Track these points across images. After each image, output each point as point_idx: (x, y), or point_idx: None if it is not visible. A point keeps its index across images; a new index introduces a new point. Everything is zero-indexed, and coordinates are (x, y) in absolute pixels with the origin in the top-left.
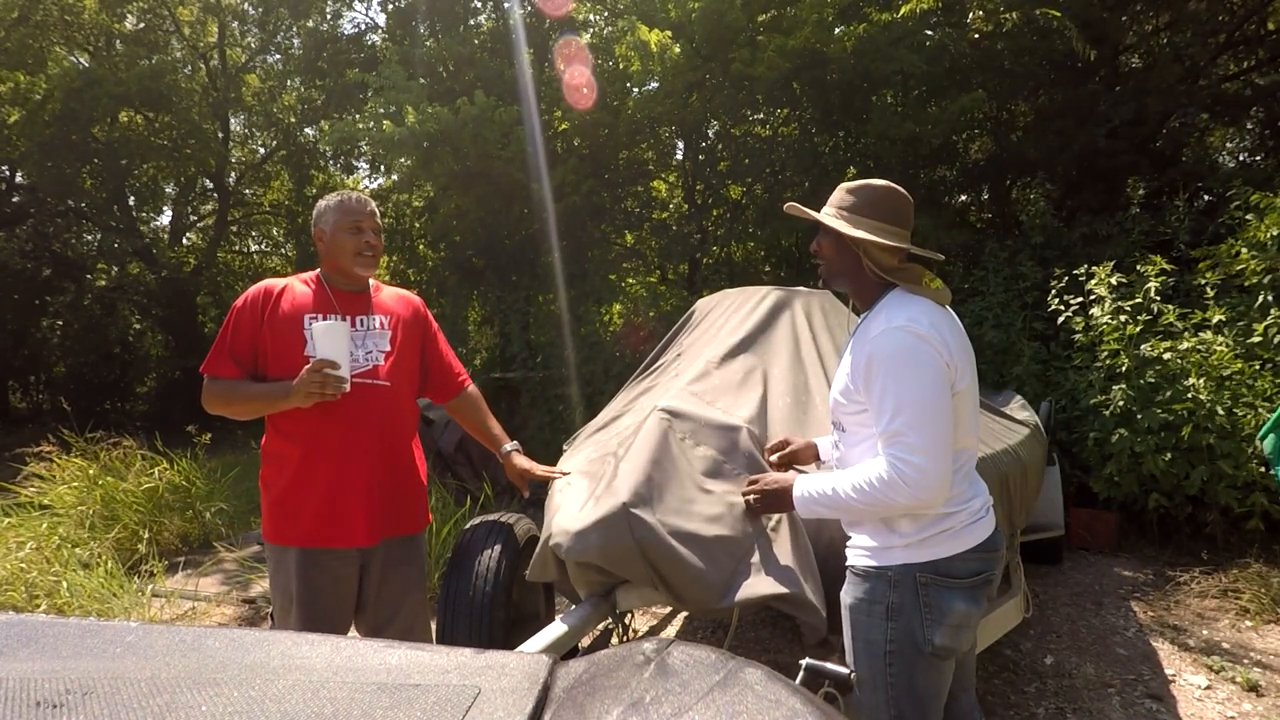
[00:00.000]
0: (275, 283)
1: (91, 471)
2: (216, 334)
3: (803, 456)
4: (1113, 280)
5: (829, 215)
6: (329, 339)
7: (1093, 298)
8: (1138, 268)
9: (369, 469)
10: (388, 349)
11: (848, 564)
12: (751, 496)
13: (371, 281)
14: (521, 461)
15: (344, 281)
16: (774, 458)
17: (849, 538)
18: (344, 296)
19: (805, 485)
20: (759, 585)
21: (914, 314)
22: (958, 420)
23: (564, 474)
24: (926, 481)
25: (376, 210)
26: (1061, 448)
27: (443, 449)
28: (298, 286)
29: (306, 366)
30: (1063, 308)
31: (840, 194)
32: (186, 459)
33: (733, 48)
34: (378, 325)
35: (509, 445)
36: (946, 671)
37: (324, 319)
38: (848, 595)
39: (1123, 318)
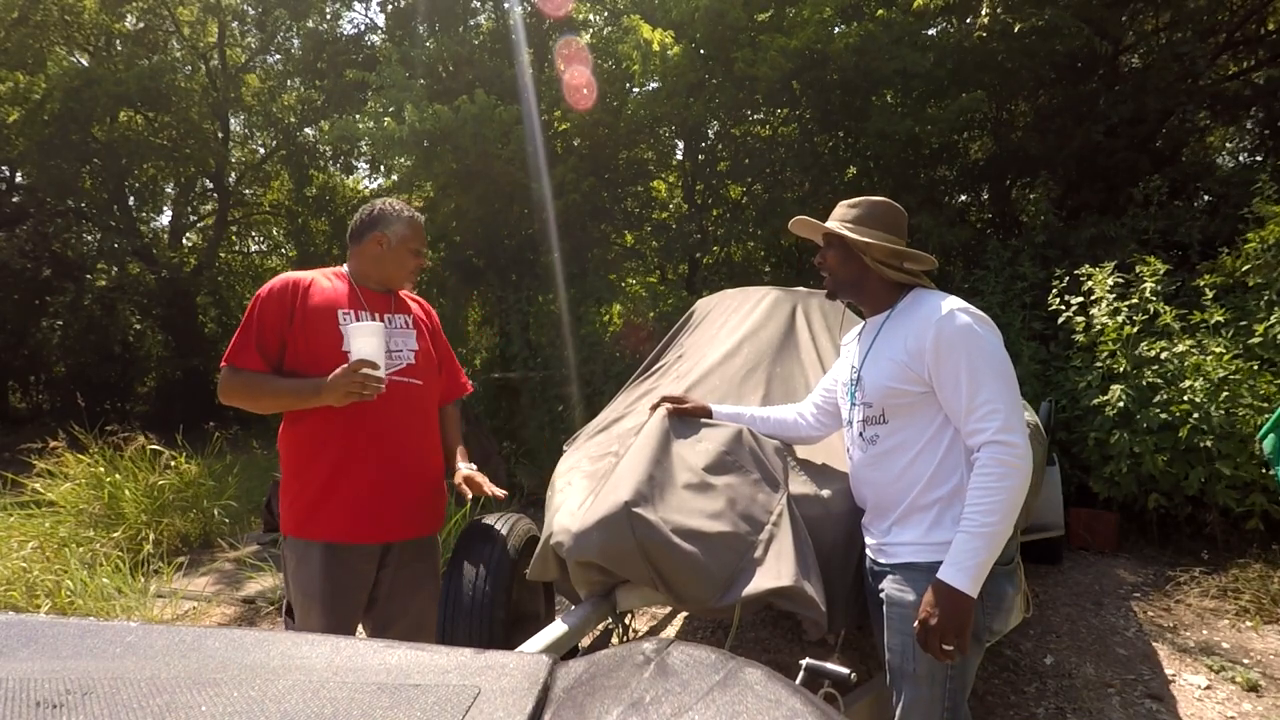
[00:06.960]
0: (300, 275)
1: (100, 469)
2: (235, 329)
3: (694, 411)
4: (1111, 281)
5: (836, 225)
6: (366, 339)
7: (1092, 298)
8: (1135, 269)
9: (406, 465)
10: (416, 347)
11: (889, 560)
12: (936, 640)
13: None
14: (460, 479)
15: (376, 285)
16: (666, 406)
17: (861, 538)
18: (373, 296)
19: (952, 565)
20: (761, 581)
21: (959, 301)
22: None
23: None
24: (1027, 449)
25: None
26: (1061, 448)
27: None
28: (323, 281)
29: (343, 366)
30: (1063, 308)
31: (843, 208)
32: (197, 458)
33: (734, 48)
34: (402, 324)
35: (463, 467)
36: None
37: (355, 316)
38: (900, 594)
39: (1119, 318)
